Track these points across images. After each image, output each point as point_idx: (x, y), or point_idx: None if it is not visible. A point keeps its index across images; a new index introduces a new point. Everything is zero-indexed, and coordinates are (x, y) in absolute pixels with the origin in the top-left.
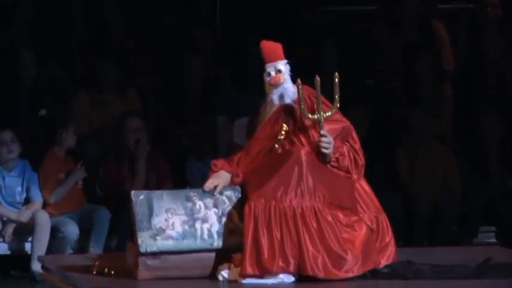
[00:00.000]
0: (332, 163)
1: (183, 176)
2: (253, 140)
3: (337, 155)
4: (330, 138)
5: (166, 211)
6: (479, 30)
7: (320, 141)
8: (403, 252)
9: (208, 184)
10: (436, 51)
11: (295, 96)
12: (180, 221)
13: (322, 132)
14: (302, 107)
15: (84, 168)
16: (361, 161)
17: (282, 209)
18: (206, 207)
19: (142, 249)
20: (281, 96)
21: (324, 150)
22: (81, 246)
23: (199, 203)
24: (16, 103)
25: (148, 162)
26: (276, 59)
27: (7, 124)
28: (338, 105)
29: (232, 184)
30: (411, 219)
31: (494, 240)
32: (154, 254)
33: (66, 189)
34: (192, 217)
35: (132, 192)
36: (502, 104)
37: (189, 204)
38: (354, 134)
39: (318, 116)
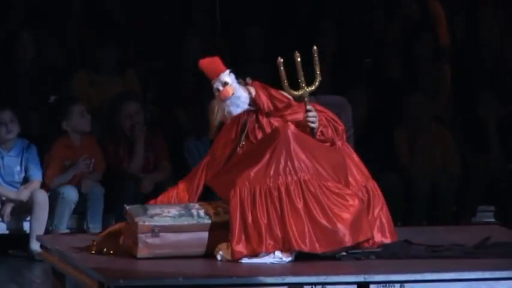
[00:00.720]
0: (318, 137)
1: (181, 155)
2: (215, 148)
3: (320, 128)
4: (315, 112)
5: (161, 207)
6: (476, 11)
7: (307, 116)
8: (401, 231)
9: None
10: (434, 31)
11: (251, 98)
12: (175, 209)
13: (308, 107)
14: (285, 84)
15: (86, 163)
16: (340, 126)
17: (267, 190)
18: (200, 204)
19: (140, 223)
20: (237, 106)
21: (312, 125)
22: (79, 226)
23: (193, 204)
24: (15, 84)
25: (145, 143)
26: (218, 73)
27: (6, 104)
28: (320, 79)
29: None
30: (410, 199)
31: (493, 219)
32: (154, 232)
33: (66, 178)
34: (186, 208)
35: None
36: (500, 85)
37: (183, 205)
38: (318, 106)
39: (302, 91)
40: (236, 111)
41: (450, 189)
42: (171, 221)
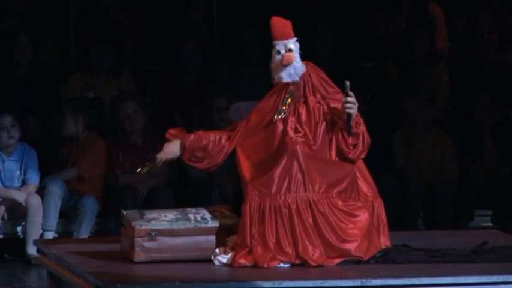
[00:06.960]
0: (354, 129)
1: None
2: (254, 112)
3: (356, 119)
4: (354, 99)
5: (158, 211)
6: (476, 15)
7: (346, 101)
8: (398, 235)
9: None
10: (432, 35)
11: (303, 72)
12: (172, 214)
13: (349, 93)
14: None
15: (75, 169)
16: (368, 140)
17: (276, 207)
18: (197, 209)
19: (137, 226)
20: (290, 75)
21: (350, 111)
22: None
23: (189, 208)
24: (12, 86)
25: (148, 147)
26: (286, 37)
27: (4, 108)
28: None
29: (184, 155)
30: (407, 203)
31: (490, 224)
32: (151, 236)
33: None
34: (183, 212)
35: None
36: (498, 89)
37: (180, 209)
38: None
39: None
40: (287, 79)
41: (448, 193)
42: (168, 225)
